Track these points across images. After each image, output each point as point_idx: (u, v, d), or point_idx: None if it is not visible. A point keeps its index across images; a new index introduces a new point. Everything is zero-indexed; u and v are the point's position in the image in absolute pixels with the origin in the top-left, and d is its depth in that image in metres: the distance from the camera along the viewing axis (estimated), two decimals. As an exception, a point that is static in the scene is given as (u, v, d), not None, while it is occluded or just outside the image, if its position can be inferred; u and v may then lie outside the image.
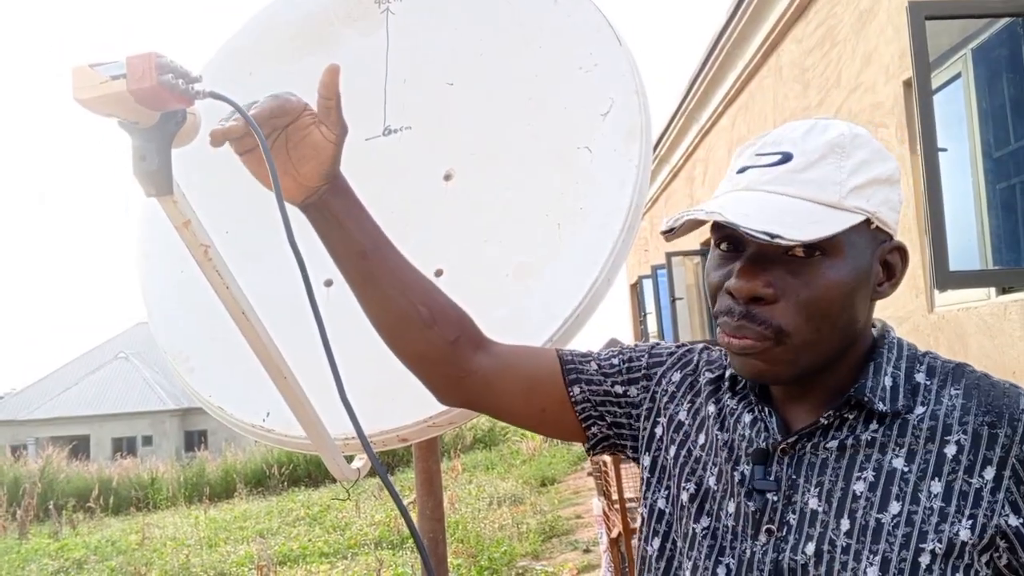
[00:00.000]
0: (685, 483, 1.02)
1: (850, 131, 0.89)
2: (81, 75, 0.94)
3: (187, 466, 16.85)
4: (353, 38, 1.87)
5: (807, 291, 0.86)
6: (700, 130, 9.31)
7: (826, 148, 0.87)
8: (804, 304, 0.86)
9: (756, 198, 0.87)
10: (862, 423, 0.90)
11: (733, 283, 0.88)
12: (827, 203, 0.85)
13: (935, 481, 0.85)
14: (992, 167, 3.67)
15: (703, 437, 1.03)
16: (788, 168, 0.87)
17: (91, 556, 9.37)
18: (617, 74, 1.58)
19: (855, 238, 0.87)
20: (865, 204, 0.86)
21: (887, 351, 0.94)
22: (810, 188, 0.86)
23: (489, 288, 1.56)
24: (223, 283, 1.18)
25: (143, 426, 34.54)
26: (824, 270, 0.86)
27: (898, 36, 4.34)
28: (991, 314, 3.73)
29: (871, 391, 0.89)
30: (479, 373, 1.12)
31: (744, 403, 1.00)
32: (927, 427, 0.88)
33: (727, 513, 0.96)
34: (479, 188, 1.65)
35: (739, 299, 0.88)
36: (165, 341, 1.77)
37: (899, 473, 0.87)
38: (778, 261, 0.87)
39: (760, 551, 0.91)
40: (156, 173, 1.03)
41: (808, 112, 5.81)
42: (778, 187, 0.87)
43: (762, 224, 0.82)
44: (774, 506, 0.91)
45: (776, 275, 0.87)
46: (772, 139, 0.92)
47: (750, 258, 0.88)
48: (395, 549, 8.20)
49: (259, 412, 1.60)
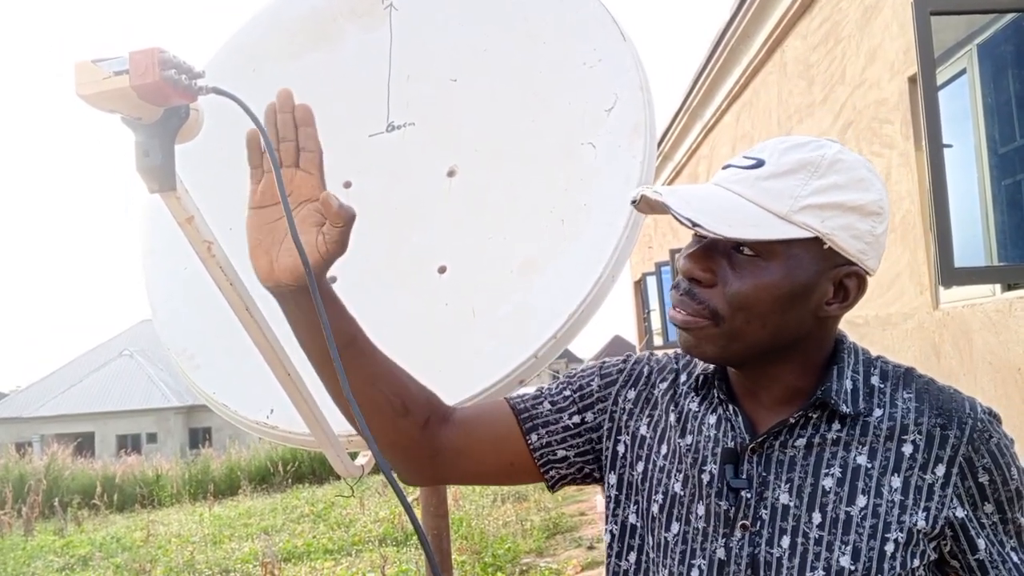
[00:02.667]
0: (654, 495, 1.05)
1: (835, 155, 0.92)
2: (84, 70, 0.94)
3: (191, 463, 16.87)
4: (357, 34, 1.87)
5: (738, 284, 0.92)
6: (704, 127, 9.29)
7: (799, 164, 0.91)
8: (733, 295, 0.92)
9: (712, 192, 0.94)
10: (825, 423, 0.96)
11: (681, 263, 0.96)
12: (774, 211, 0.90)
13: (895, 476, 0.93)
14: (998, 163, 3.66)
15: (665, 447, 1.07)
16: (756, 174, 0.92)
17: (96, 553, 9.39)
18: (621, 70, 1.58)
19: (798, 252, 0.91)
20: (817, 224, 0.90)
21: (847, 356, 1.00)
22: (765, 196, 0.91)
23: (493, 284, 1.55)
24: (227, 279, 1.18)
25: (147, 423, 34.60)
26: (757, 271, 0.92)
27: (903, 32, 4.32)
28: (996, 311, 3.72)
29: (836, 393, 0.96)
30: (449, 448, 1.11)
31: (708, 405, 1.05)
32: (886, 427, 0.95)
33: (696, 516, 1.00)
34: (483, 184, 1.65)
35: (683, 277, 0.97)
36: (169, 338, 1.77)
37: (863, 469, 0.94)
38: (725, 254, 0.94)
39: (736, 546, 0.95)
40: (159, 169, 1.03)
41: (812, 109, 5.80)
42: (739, 188, 0.93)
43: (692, 212, 0.89)
44: (748, 502, 0.96)
45: (718, 264, 0.94)
46: (761, 146, 0.97)
47: (703, 246, 0.95)
48: (399, 546, 8.21)
49: (263, 409, 1.60)
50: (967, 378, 3.93)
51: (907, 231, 4.47)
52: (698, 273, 0.94)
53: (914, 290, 4.45)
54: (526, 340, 1.47)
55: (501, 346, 1.49)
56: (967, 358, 3.94)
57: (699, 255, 0.95)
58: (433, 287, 1.61)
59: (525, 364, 1.46)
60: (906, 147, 4.41)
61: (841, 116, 5.27)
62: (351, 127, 1.81)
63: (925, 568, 0.93)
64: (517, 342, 1.48)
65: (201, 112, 1.06)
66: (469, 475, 1.18)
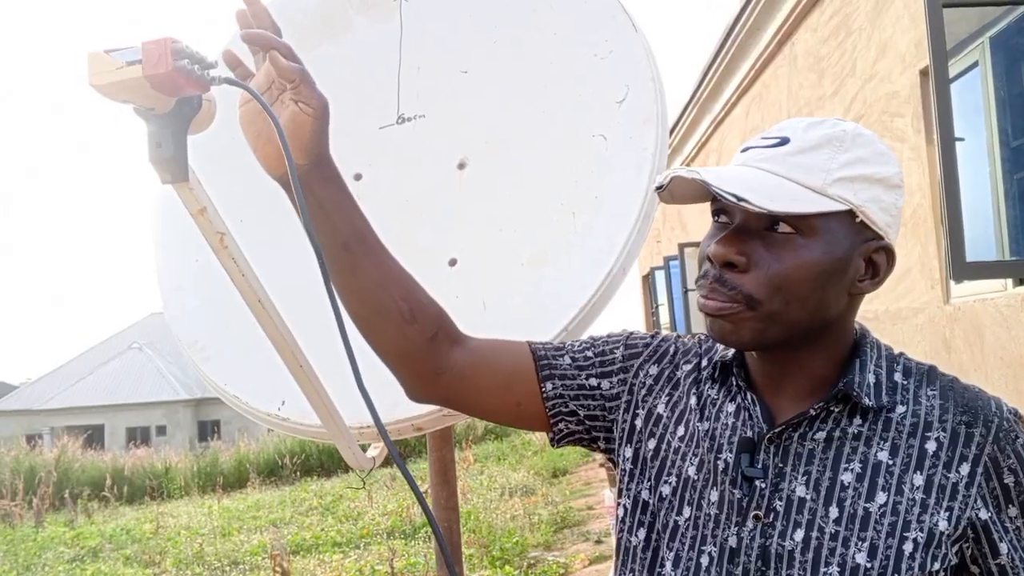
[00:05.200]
0: (667, 476, 1.04)
1: (855, 130, 0.93)
2: (97, 60, 0.93)
3: (200, 456, 16.94)
4: (367, 26, 1.86)
5: (777, 265, 0.90)
6: (713, 120, 9.26)
7: (824, 139, 0.91)
8: (772, 276, 0.90)
9: (744, 171, 0.92)
10: (847, 417, 0.95)
11: (712, 248, 0.93)
12: (810, 186, 0.89)
13: (917, 474, 0.91)
14: (1010, 157, 3.63)
15: (682, 429, 1.05)
16: (783, 151, 0.91)
17: (106, 544, 9.45)
18: (633, 61, 1.57)
19: (835, 226, 0.90)
20: (851, 196, 0.90)
21: (869, 350, 0.98)
22: (798, 171, 0.89)
23: (504, 277, 1.55)
24: (239, 271, 1.18)
25: (157, 416, 34.74)
26: (797, 248, 0.89)
27: (914, 24, 4.29)
28: (1008, 305, 3.70)
29: (859, 386, 0.94)
30: (455, 369, 1.10)
31: (726, 392, 1.04)
32: (909, 423, 0.93)
33: (709, 502, 0.98)
34: (493, 176, 1.64)
35: (715, 263, 0.93)
36: (181, 330, 1.78)
37: (884, 465, 0.92)
38: (757, 236, 0.91)
39: (748, 536, 0.94)
40: (172, 160, 1.03)
41: (823, 102, 5.77)
42: (769, 165, 0.91)
43: (735, 188, 0.86)
44: (762, 493, 0.94)
45: (752, 247, 0.91)
46: (780, 126, 0.96)
47: (734, 229, 0.92)
48: (407, 539, 8.23)
49: (274, 401, 1.60)
50: (978, 373, 3.91)
51: (918, 225, 4.44)
52: (733, 256, 0.91)
53: (925, 284, 4.43)
54: (536, 333, 1.47)
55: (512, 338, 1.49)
56: (978, 353, 3.92)
57: (732, 239, 0.91)
58: (444, 279, 1.60)
59: (536, 356, 1.45)
60: (917, 141, 4.38)
61: (852, 109, 5.24)
62: (361, 119, 1.81)
63: (945, 572, 0.90)
64: (527, 335, 1.47)
65: (213, 103, 1.06)
66: (472, 404, 1.15)
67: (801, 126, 0.93)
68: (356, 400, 1.24)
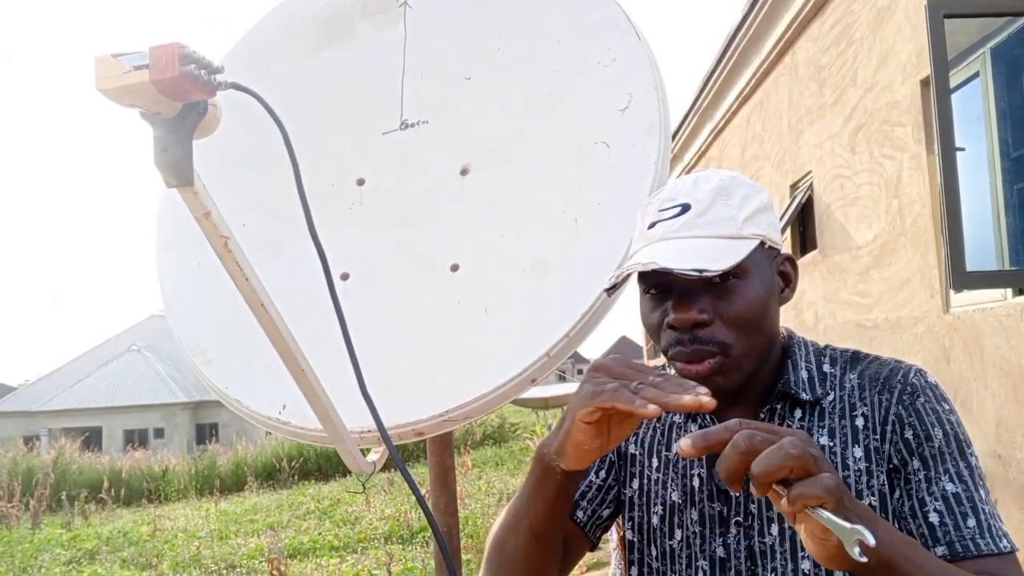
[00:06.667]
0: (653, 507, 1.14)
1: (727, 175, 1.05)
2: (104, 65, 0.94)
3: (198, 459, 16.91)
4: (371, 32, 1.87)
5: (733, 308, 1.01)
6: (714, 128, 9.27)
7: (714, 193, 1.03)
8: (733, 320, 1.01)
9: (674, 245, 1.01)
10: (789, 412, 1.07)
11: (673, 317, 1.01)
12: (729, 236, 1.00)
13: (855, 447, 1.03)
14: (1010, 167, 3.65)
15: (656, 460, 1.16)
16: (689, 216, 1.02)
17: (103, 547, 9.43)
18: (636, 69, 1.58)
19: (757, 258, 1.03)
20: (757, 229, 1.02)
21: (798, 349, 1.11)
22: (712, 227, 1.01)
23: (506, 283, 1.56)
24: (242, 275, 1.18)
25: (155, 419, 34.69)
26: (741, 289, 1.01)
27: (916, 34, 4.31)
28: (1007, 315, 3.70)
29: (795, 384, 1.07)
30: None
31: (687, 416, 1.15)
32: (839, 408, 1.06)
33: (692, 521, 1.09)
34: (496, 183, 1.65)
35: (681, 329, 1.01)
36: (182, 333, 1.78)
37: (827, 448, 1.04)
38: (702, 291, 1.01)
39: (734, 543, 1.05)
40: (177, 164, 1.03)
41: (823, 111, 5.78)
42: (686, 232, 1.01)
43: (689, 263, 0.96)
44: (738, 500, 1.06)
45: (704, 302, 1.01)
46: (668, 195, 1.06)
47: (678, 294, 1.02)
48: (405, 544, 8.22)
49: (276, 404, 1.60)
50: (977, 382, 3.91)
51: (918, 235, 4.45)
52: (697, 316, 1.00)
53: (925, 294, 4.43)
54: (538, 339, 1.47)
55: (514, 345, 1.49)
56: (977, 362, 3.93)
57: (683, 304, 1.01)
58: (446, 285, 1.61)
59: (537, 363, 1.46)
60: (918, 150, 4.39)
61: (852, 119, 5.25)
62: (364, 124, 1.82)
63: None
64: (529, 341, 1.48)
65: (219, 108, 1.07)
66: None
67: (688, 188, 1.04)
68: (356, 404, 1.24)
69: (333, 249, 1.27)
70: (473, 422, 13.78)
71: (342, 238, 1.70)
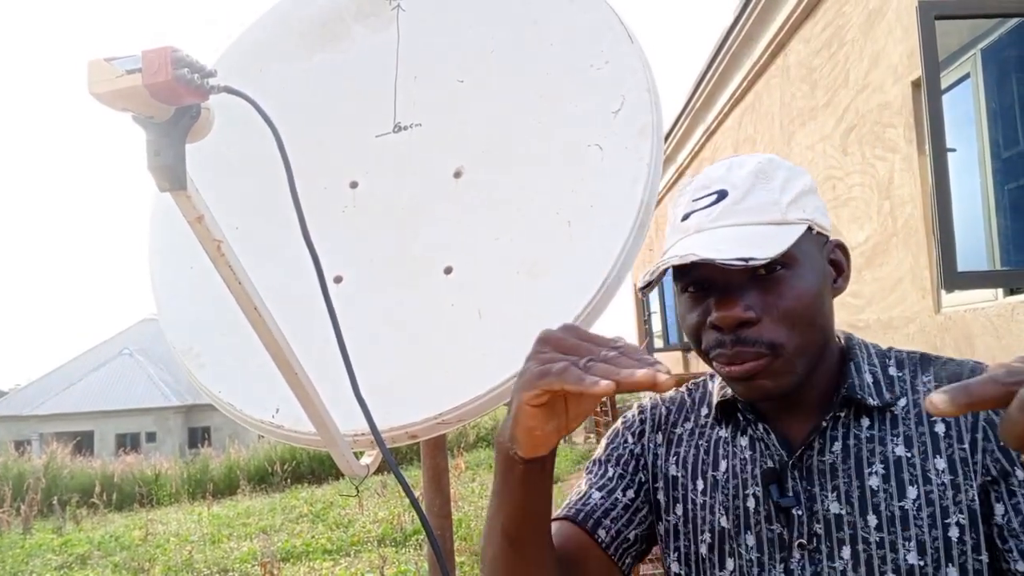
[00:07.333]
0: (700, 535, 1.02)
1: (764, 158, 0.97)
2: (97, 69, 0.94)
3: (190, 463, 16.86)
4: (364, 35, 1.87)
5: (783, 303, 0.91)
6: (706, 130, 9.29)
7: (752, 177, 0.94)
8: (784, 315, 0.91)
9: (713, 235, 0.92)
10: (855, 421, 0.95)
11: (716, 316, 0.92)
12: (772, 222, 0.92)
13: (937, 458, 0.90)
14: (1001, 168, 3.66)
15: (701, 482, 1.04)
16: (727, 203, 0.94)
17: (95, 551, 9.39)
18: (629, 71, 1.58)
19: (805, 246, 0.93)
20: (803, 214, 0.94)
21: (859, 351, 1.00)
22: (753, 214, 0.92)
23: (500, 286, 1.55)
24: (236, 278, 1.18)
25: (147, 422, 34.59)
26: (791, 281, 0.92)
27: (907, 36, 4.32)
28: (998, 315, 3.72)
29: (860, 388, 0.95)
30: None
31: (735, 428, 1.04)
32: (914, 414, 0.94)
33: (747, 547, 0.97)
34: (490, 185, 1.65)
35: (726, 329, 0.92)
36: (175, 337, 1.77)
37: (904, 459, 0.91)
38: (746, 287, 0.92)
39: (798, 568, 0.93)
40: (170, 168, 1.03)
41: (815, 112, 5.80)
42: (725, 221, 0.93)
43: (732, 253, 0.87)
44: (800, 520, 0.93)
45: (750, 299, 0.91)
46: (701, 183, 0.98)
47: (721, 290, 0.93)
48: (398, 547, 8.21)
49: (269, 408, 1.60)
50: (969, 382, 3.92)
51: (910, 235, 4.47)
52: (743, 315, 0.90)
53: (916, 294, 4.45)
54: (532, 341, 1.47)
55: (507, 347, 1.49)
56: (969, 362, 3.94)
57: (727, 301, 0.91)
58: (439, 288, 1.61)
59: (531, 365, 1.46)
60: (909, 151, 4.41)
61: (844, 120, 5.27)
62: (358, 127, 1.81)
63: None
64: (523, 343, 1.48)
65: (212, 111, 1.07)
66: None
67: (722, 174, 0.96)
68: (350, 407, 1.24)
69: (326, 252, 1.27)
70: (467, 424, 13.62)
71: (335, 241, 1.70)
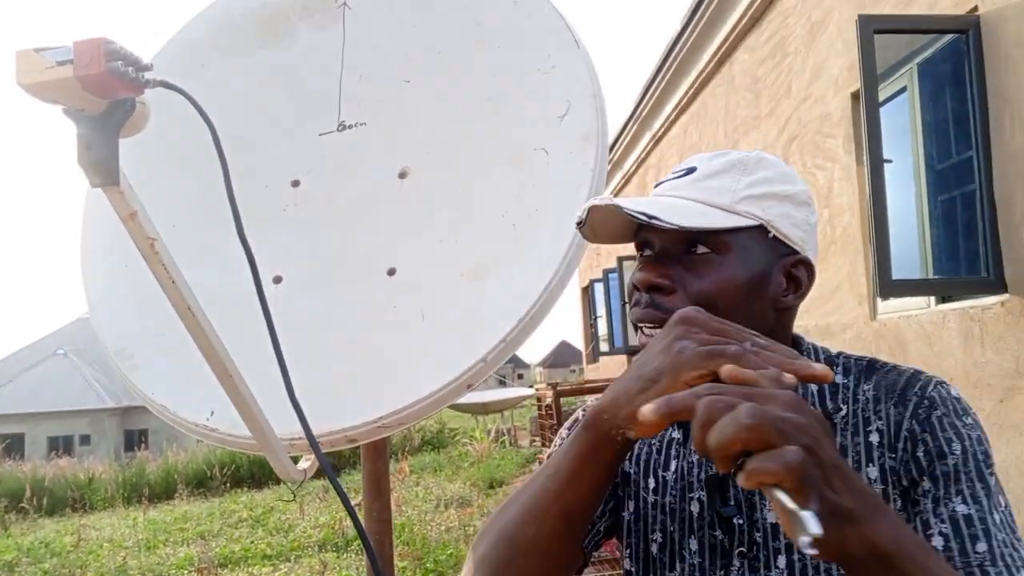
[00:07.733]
0: (651, 534, 1.02)
1: (758, 156, 0.98)
2: (26, 59, 0.90)
3: (126, 466, 16.44)
4: (309, 32, 1.84)
5: (698, 283, 0.92)
6: (653, 137, 9.40)
7: (728, 165, 0.96)
8: (695, 295, 0.92)
9: (657, 199, 0.96)
10: None
11: (636, 275, 0.95)
12: (718, 206, 0.93)
13: (870, 467, 0.91)
14: (935, 179, 3.77)
15: (652, 481, 1.04)
16: (691, 177, 0.96)
17: (23, 558, 9.08)
18: (575, 77, 1.58)
19: (748, 242, 0.93)
20: (759, 212, 0.93)
21: (808, 356, 0.99)
22: (705, 193, 0.94)
23: (443, 288, 1.54)
24: (169, 277, 1.15)
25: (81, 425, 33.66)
26: (715, 267, 0.92)
27: (847, 49, 4.43)
28: (930, 322, 3.82)
29: (804, 397, 0.93)
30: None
31: (686, 431, 1.02)
32: (851, 423, 0.94)
33: (691, 551, 0.97)
34: (435, 187, 1.64)
35: (641, 288, 0.95)
36: (108, 337, 1.73)
37: None
38: (677, 259, 0.94)
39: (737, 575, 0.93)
40: (102, 163, 1.00)
41: (759, 121, 5.90)
42: (680, 192, 0.96)
43: (644, 209, 0.90)
44: (741, 529, 0.94)
45: (674, 270, 0.94)
46: (689, 158, 1.01)
47: (655, 254, 0.96)
48: (339, 552, 8.11)
49: (203, 411, 1.56)
50: (902, 388, 4.03)
51: (847, 243, 4.57)
52: (655, 280, 0.93)
53: (853, 301, 4.55)
54: (475, 344, 1.47)
55: (450, 349, 1.48)
56: (902, 368, 4.05)
57: (654, 264, 0.94)
58: (382, 289, 1.59)
59: (473, 368, 1.45)
60: (848, 161, 4.52)
61: (786, 130, 5.37)
62: (301, 125, 1.79)
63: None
64: (466, 346, 1.47)
65: (148, 106, 1.04)
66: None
67: (707, 157, 0.98)
68: (287, 411, 1.22)
69: (266, 251, 1.25)
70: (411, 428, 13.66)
71: (276, 240, 1.67)
